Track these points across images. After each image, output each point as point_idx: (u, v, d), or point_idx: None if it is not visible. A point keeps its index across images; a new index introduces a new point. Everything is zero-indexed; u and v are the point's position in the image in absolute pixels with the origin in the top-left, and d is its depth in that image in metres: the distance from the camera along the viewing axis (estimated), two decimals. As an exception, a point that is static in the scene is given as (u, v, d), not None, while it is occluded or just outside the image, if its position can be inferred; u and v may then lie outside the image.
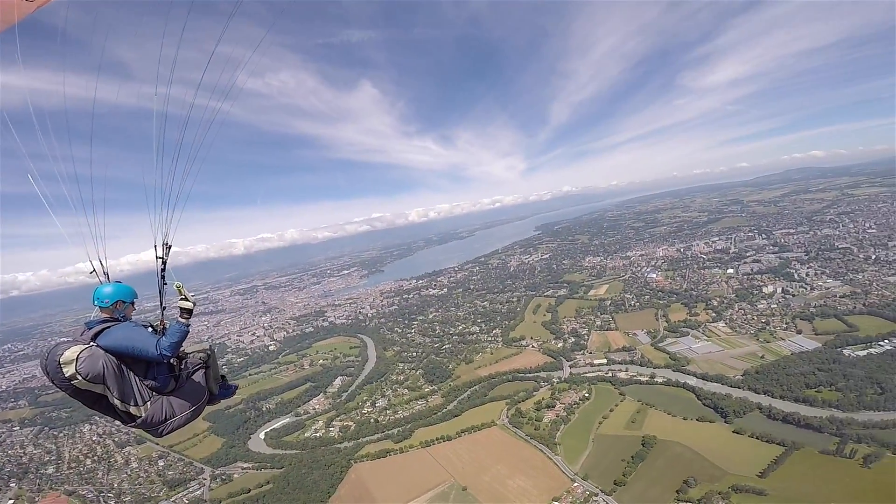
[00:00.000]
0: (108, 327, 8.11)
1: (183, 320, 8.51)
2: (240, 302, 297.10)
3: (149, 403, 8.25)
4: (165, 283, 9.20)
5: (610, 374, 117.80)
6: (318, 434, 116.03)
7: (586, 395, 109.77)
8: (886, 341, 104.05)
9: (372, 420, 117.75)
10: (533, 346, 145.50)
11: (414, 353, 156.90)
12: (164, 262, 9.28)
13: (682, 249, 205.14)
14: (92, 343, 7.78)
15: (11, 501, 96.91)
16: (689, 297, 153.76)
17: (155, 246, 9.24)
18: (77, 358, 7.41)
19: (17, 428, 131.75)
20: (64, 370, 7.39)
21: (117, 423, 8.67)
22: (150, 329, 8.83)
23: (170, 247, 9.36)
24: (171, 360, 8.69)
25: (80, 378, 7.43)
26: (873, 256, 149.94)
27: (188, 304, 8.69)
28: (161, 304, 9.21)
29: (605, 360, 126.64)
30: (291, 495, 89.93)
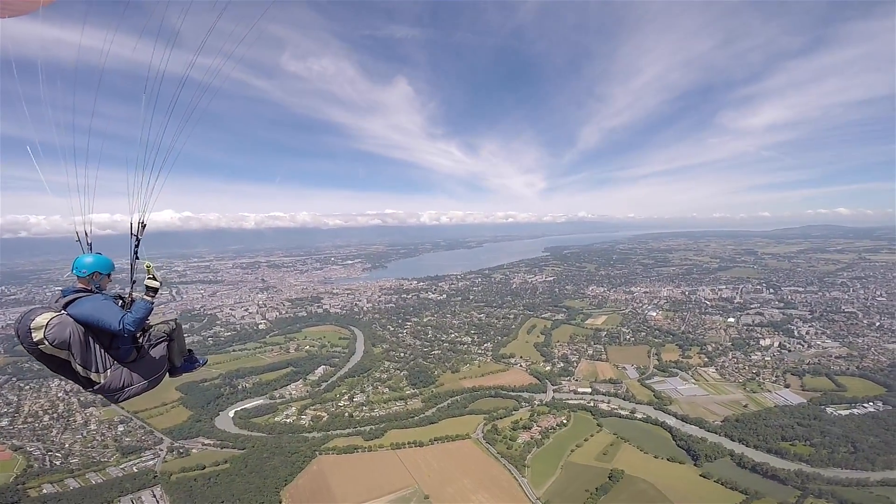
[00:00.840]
0: (81, 297, 8.54)
1: (148, 298, 8.92)
2: (240, 275, 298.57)
3: (109, 371, 8.67)
4: (138, 258, 9.65)
5: (592, 404, 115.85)
6: (288, 420, 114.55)
7: (564, 421, 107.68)
8: (871, 403, 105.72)
9: (346, 414, 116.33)
10: (521, 366, 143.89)
11: (402, 354, 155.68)
12: (137, 241, 9.81)
13: (686, 292, 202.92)
14: (63, 311, 8.22)
15: None
16: (684, 339, 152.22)
17: (131, 224, 9.80)
18: (46, 324, 7.93)
19: None
20: (33, 335, 7.90)
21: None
22: (119, 302, 9.17)
23: (145, 225, 9.96)
24: (133, 334, 8.95)
25: (46, 343, 7.94)
26: (877, 323, 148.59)
27: (155, 284, 9.10)
28: (132, 279, 9.59)
29: (589, 390, 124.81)
30: (246, 478, 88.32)
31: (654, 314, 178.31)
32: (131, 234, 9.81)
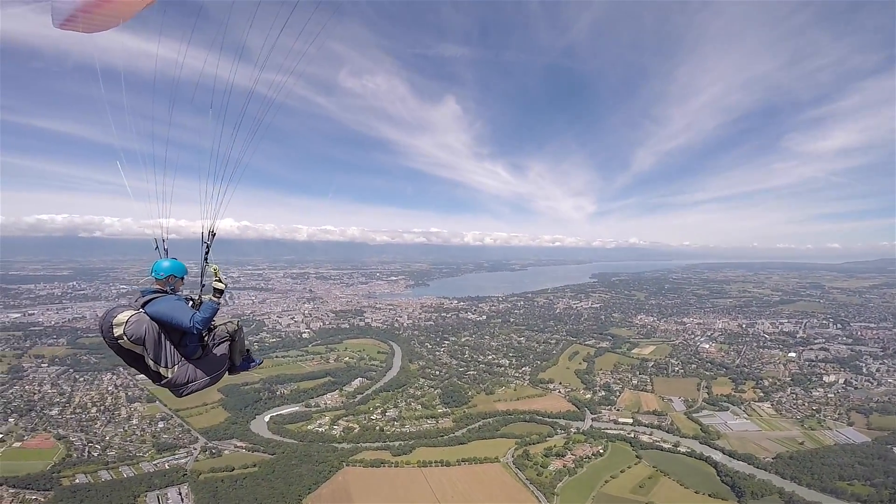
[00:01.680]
0: (157, 297, 9.48)
1: (215, 299, 9.69)
2: (290, 285, 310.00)
3: (176, 367, 9.51)
4: (207, 264, 10.64)
5: (632, 435, 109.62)
6: (320, 429, 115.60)
7: (601, 450, 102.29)
8: None
9: (377, 427, 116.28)
10: (559, 392, 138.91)
11: (437, 372, 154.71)
12: (207, 247, 10.89)
13: (744, 325, 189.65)
14: (141, 310, 9.16)
15: (0, 436, 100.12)
16: (739, 372, 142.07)
17: (202, 233, 10.88)
18: (126, 321, 8.86)
19: (45, 365, 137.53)
20: (114, 330, 8.86)
21: (138, 377, 10.30)
22: (189, 303, 10.08)
23: (214, 234, 11.01)
24: (202, 332, 9.86)
25: (125, 338, 8.88)
26: None
27: (220, 286, 9.81)
28: (201, 282, 10.67)
29: (630, 420, 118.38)
30: (272, 483, 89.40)
31: (707, 346, 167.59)
32: (202, 242, 10.90)
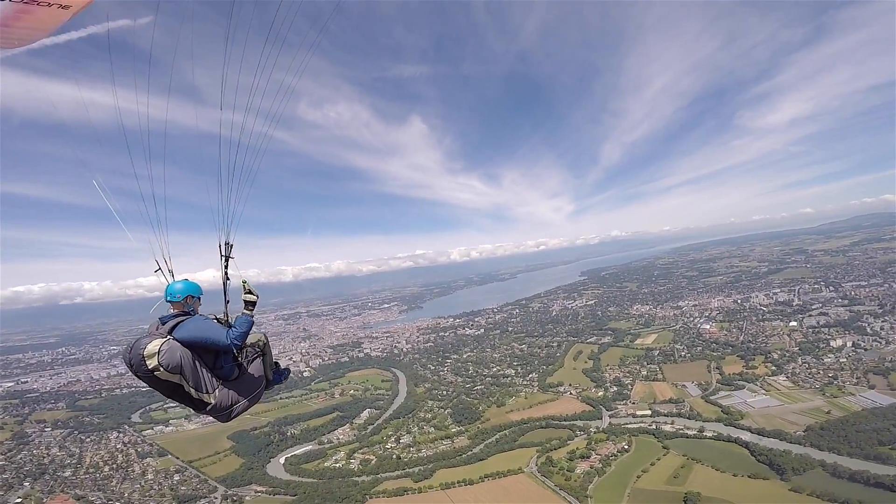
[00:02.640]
0: (183, 321, 8.69)
1: (248, 312, 9.27)
2: (282, 327, 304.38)
3: (217, 391, 8.87)
4: (229, 279, 10.04)
5: (653, 427, 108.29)
6: (338, 465, 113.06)
7: (625, 446, 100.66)
8: None
9: (394, 456, 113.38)
10: (571, 394, 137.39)
11: (445, 392, 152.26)
12: (227, 259, 10.20)
13: (739, 301, 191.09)
14: (169, 336, 8.36)
15: (20, 500, 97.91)
16: (746, 349, 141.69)
17: (220, 245, 10.20)
18: (159, 351, 8.06)
19: (49, 429, 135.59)
20: (147, 363, 8.04)
21: (145, 433, 9.22)
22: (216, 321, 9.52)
23: (231, 245, 10.29)
24: (235, 351, 9.32)
25: (161, 370, 8.10)
26: None
27: (252, 298, 9.43)
28: (225, 299, 10.02)
29: (648, 412, 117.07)
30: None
31: (708, 327, 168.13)
32: (220, 255, 10.22)
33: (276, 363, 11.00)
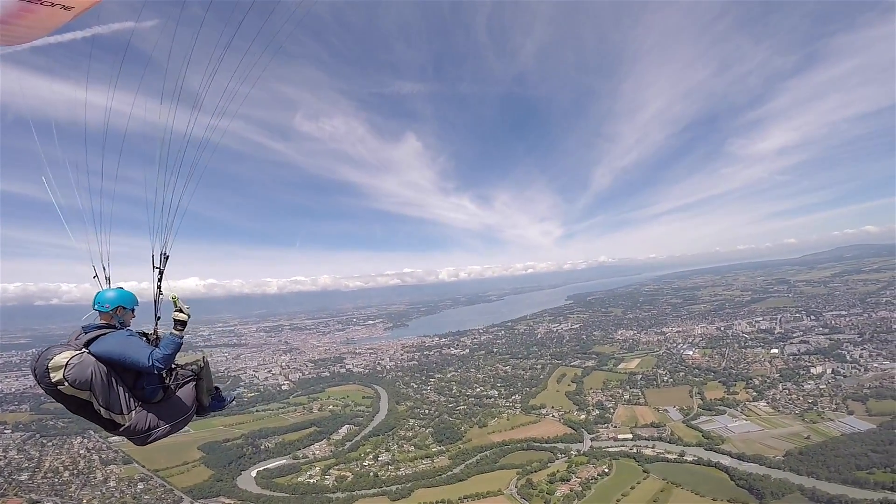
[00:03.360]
0: (104, 334, 8.01)
1: (177, 332, 8.38)
2: (263, 339, 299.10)
3: (133, 413, 8.14)
4: (161, 294, 9.19)
5: (634, 450, 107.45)
6: (312, 480, 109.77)
7: (606, 470, 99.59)
8: None
9: (371, 473, 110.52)
10: (553, 416, 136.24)
11: (427, 411, 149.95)
12: (160, 273, 9.34)
13: (722, 328, 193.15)
14: (84, 350, 7.69)
15: None
16: (727, 375, 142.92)
17: (153, 256, 9.30)
18: (66, 364, 7.37)
19: (9, 431, 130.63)
20: (51, 375, 7.34)
21: (111, 440, 8.76)
22: (144, 339, 8.67)
23: (167, 257, 9.44)
24: (162, 372, 8.56)
25: (66, 384, 7.38)
26: None
27: (183, 317, 8.50)
28: (156, 314, 9.20)
29: (630, 436, 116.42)
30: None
31: (691, 353, 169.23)
32: (153, 266, 9.28)
33: (217, 388, 10.21)
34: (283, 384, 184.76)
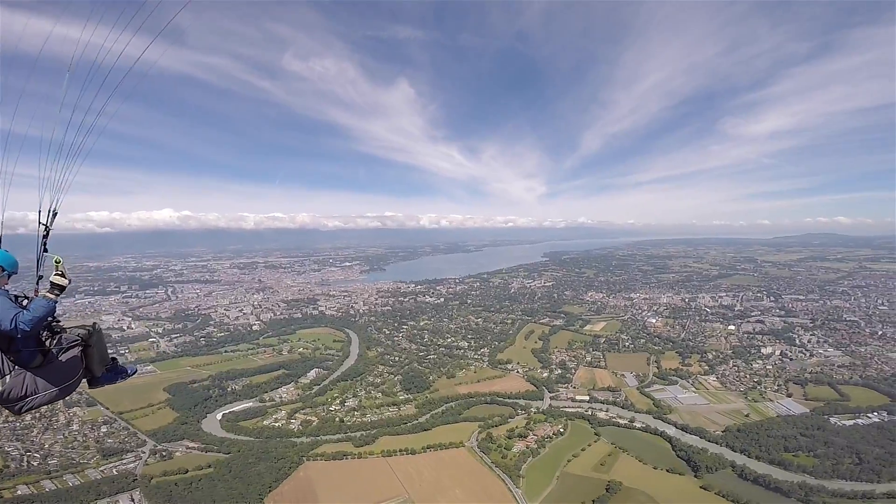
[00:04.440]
0: None
1: (51, 296, 7.90)
2: (237, 276, 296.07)
3: (8, 377, 7.70)
4: (46, 252, 8.69)
5: (590, 412, 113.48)
6: (277, 424, 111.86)
7: (561, 429, 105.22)
8: (875, 414, 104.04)
9: (337, 419, 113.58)
10: (518, 372, 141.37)
11: (397, 358, 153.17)
12: (47, 230, 8.87)
13: (686, 299, 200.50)
14: None
15: None
16: (684, 346, 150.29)
17: (39, 212, 8.76)
18: None
19: None
20: None
21: None
22: (16, 300, 8.10)
23: (55, 213, 8.98)
24: (42, 335, 8.20)
25: None
26: (880, 332, 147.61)
27: (62, 281, 8.08)
28: (38, 275, 8.65)
29: (587, 397, 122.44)
30: (230, 483, 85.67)
31: (654, 321, 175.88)
32: (39, 222, 8.76)
33: (114, 359, 9.77)
34: (255, 324, 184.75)
